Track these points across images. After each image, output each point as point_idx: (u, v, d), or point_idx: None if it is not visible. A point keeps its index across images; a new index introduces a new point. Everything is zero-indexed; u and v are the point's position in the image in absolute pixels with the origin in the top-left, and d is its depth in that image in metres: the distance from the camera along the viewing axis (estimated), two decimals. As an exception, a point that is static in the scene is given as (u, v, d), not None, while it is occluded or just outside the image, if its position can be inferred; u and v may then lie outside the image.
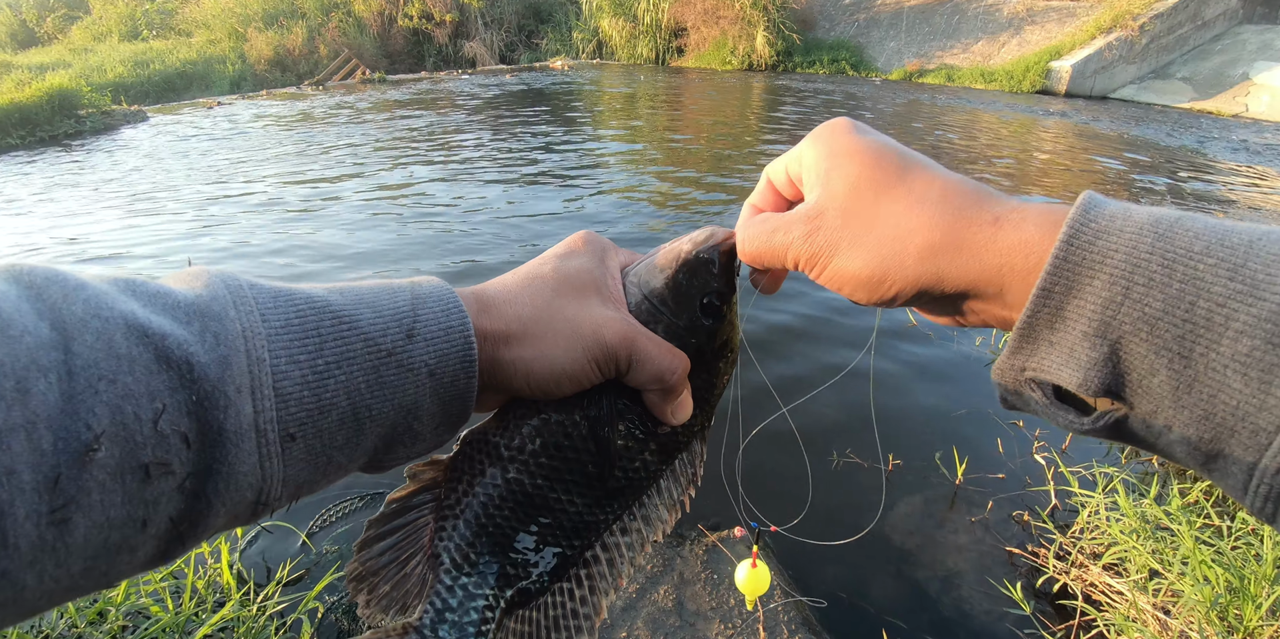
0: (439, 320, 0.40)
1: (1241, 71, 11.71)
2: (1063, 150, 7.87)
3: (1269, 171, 6.94)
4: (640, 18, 17.03)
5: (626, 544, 0.52)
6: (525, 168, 6.81)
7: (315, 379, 0.35)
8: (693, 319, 0.49)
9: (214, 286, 0.34)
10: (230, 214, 5.62)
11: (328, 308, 0.37)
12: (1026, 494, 2.24)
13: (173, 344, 0.30)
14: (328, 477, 0.38)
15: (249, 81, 16.27)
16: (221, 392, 0.31)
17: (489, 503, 0.48)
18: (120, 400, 0.28)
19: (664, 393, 0.47)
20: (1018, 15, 13.96)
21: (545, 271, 0.47)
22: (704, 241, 0.50)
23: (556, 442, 0.48)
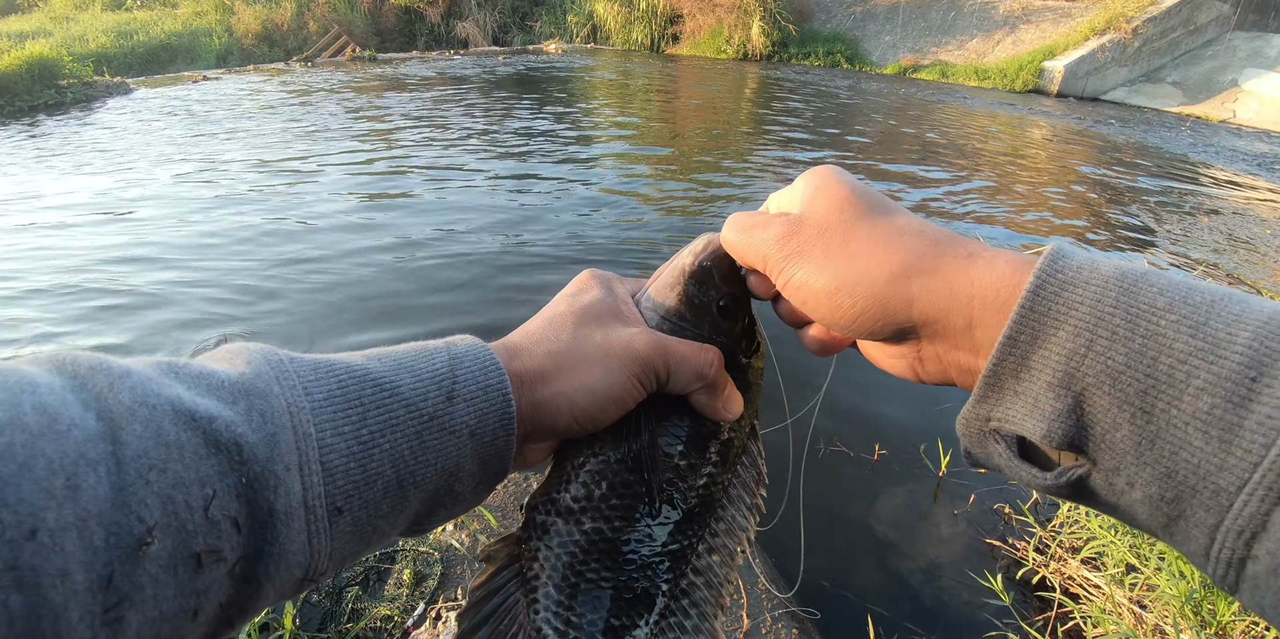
0: (477, 380, 0.40)
1: (1231, 78, 11.83)
2: (1053, 151, 7.92)
3: (1255, 178, 7.04)
4: (636, 3, 16.88)
5: (718, 562, 0.51)
6: (514, 154, 6.75)
7: (361, 450, 0.34)
8: (714, 325, 0.50)
9: (255, 363, 0.34)
10: (204, 194, 5.52)
11: (368, 376, 0.36)
12: (1008, 488, 2.27)
13: (221, 426, 0.30)
14: (371, 545, 0.38)
15: (235, 56, 15.94)
16: (271, 472, 0.31)
17: (573, 561, 0.48)
18: (171, 490, 0.27)
19: (710, 389, 0.47)
20: (1013, 13, 13.98)
21: (562, 309, 0.47)
22: (703, 250, 0.50)
23: (621, 479, 0.48)
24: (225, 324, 3.37)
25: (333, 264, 4.03)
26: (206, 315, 3.45)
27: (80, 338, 3.27)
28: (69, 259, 4.16)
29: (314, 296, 3.64)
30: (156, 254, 4.23)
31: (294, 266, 3.99)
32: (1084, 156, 7.56)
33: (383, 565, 1.81)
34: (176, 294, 3.68)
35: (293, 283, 3.80)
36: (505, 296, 3.65)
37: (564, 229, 4.64)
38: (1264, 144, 9.34)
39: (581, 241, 4.44)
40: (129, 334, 3.30)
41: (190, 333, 3.29)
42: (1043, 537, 2.03)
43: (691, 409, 0.49)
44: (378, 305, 3.56)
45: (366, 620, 1.63)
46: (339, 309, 3.51)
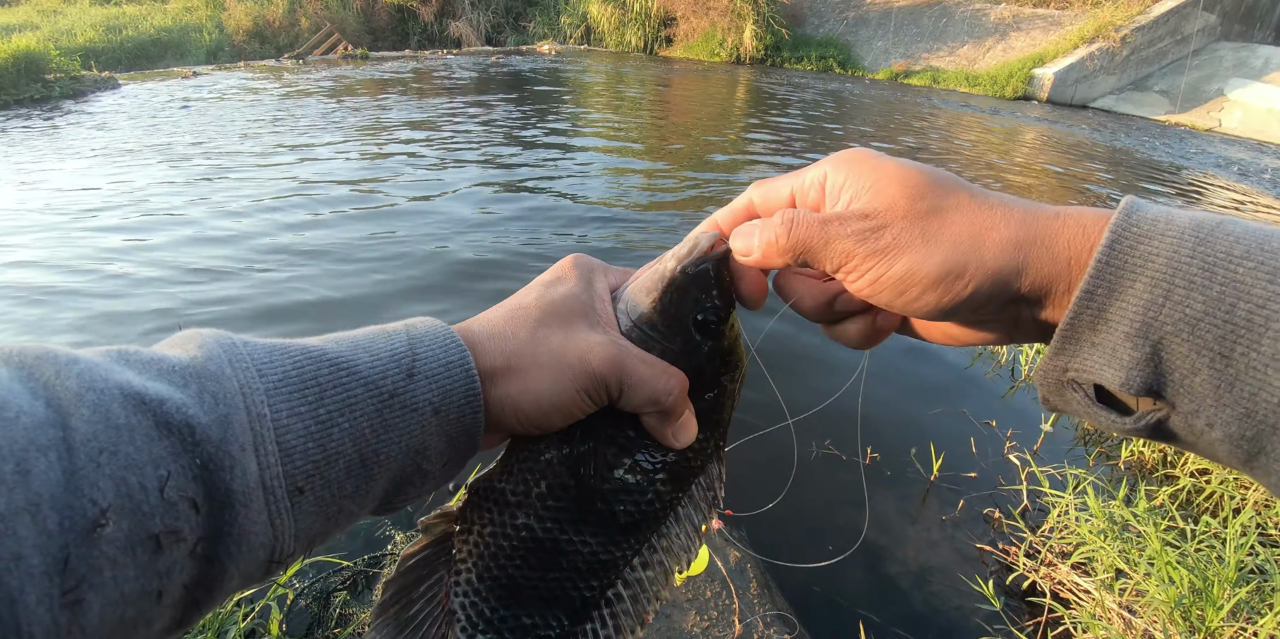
0: (438, 357, 0.39)
1: (1217, 87, 12.00)
2: (1042, 157, 7.99)
3: (1242, 186, 7.13)
4: (629, 5, 16.89)
5: (649, 578, 0.49)
6: (504, 154, 6.73)
7: (319, 429, 0.34)
8: (687, 341, 0.46)
9: (208, 347, 0.34)
10: (194, 190, 5.46)
11: (324, 356, 0.36)
12: (998, 493, 2.28)
13: (171, 408, 0.29)
14: (339, 525, 0.37)
15: (226, 52, 15.81)
16: (225, 452, 0.30)
17: (500, 553, 0.46)
18: (124, 471, 0.27)
19: (662, 416, 0.45)
20: (1004, 21, 14.11)
21: (529, 302, 0.45)
22: (688, 255, 0.46)
23: (560, 482, 0.46)
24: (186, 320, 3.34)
25: (308, 266, 3.99)
26: (171, 310, 3.41)
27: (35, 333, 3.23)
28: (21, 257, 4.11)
29: (287, 298, 3.60)
30: (126, 251, 4.18)
31: (269, 273, 3.95)
32: (1073, 163, 7.63)
33: (370, 570, 1.79)
34: (144, 291, 3.63)
35: (267, 283, 3.76)
36: (491, 300, 3.63)
37: (552, 230, 4.63)
38: (1249, 152, 9.47)
39: (570, 243, 4.43)
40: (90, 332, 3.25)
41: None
42: (1033, 542, 2.03)
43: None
44: (356, 306, 3.52)
45: (354, 625, 1.60)
46: (313, 312, 3.48)
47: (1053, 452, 2.49)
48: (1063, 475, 2.18)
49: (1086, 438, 2.61)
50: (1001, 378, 2.96)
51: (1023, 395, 2.84)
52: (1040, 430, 2.49)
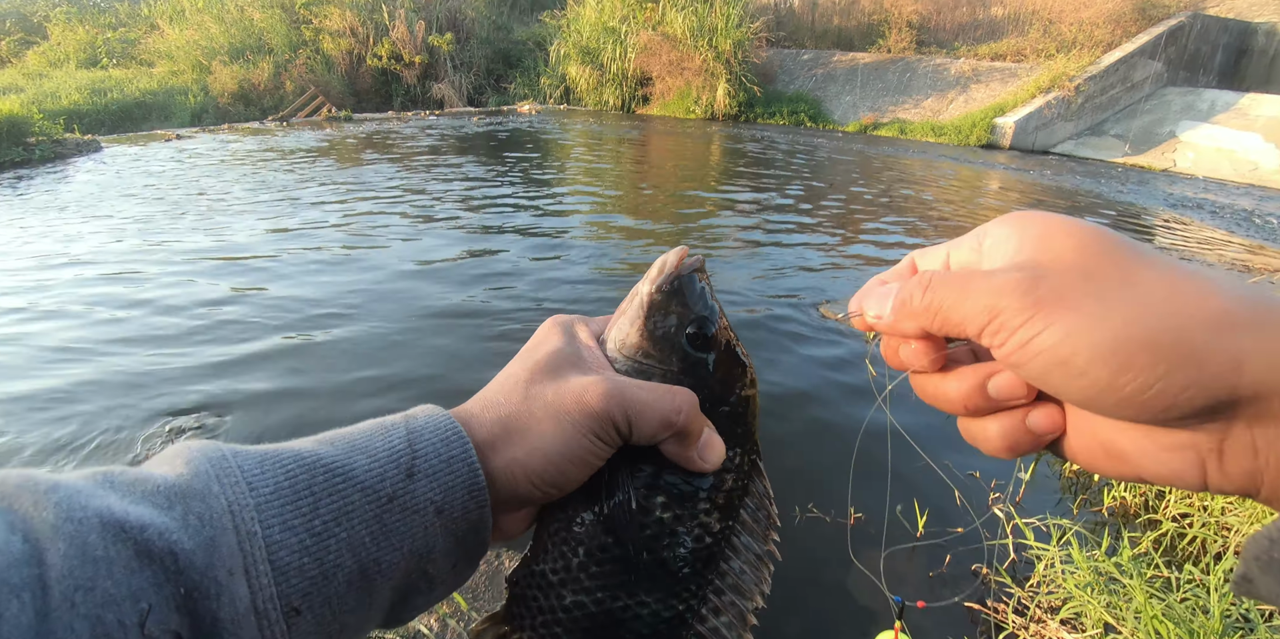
0: (438, 452, 0.37)
1: (1168, 130, 12.57)
2: (1008, 202, 8.26)
3: (1199, 224, 7.39)
4: (606, 66, 17.53)
5: (725, 624, 0.45)
6: (486, 213, 6.83)
7: (314, 543, 0.32)
8: (684, 358, 0.45)
9: (195, 463, 0.32)
10: (166, 259, 5.46)
11: (319, 462, 0.34)
12: (984, 548, 2.25)
13: (153, 535, 0.28)
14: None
15: (211, 114, 16.09)
16: (211, 579, 0.29)
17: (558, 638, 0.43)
18: (100, 610, 0.25)
19: (680, 439, 0.41)
20: (964, 74, 14.80)
21: (516, 369, 0.44)
22: (659, 275, 0.45)
23: (598, 543, 0.43)
24: (176, 405, 3.28)
25: (289, 329, 3.97)
26: (157, 391, 3.35)
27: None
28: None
29: (269, 361, 3.56)
30: (79, 329, 4.14)
31: (239, 341, 3.92)
32: (1036, 205, 7.87)
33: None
34: (122, 369, 3.58)
35: (237, 351, 3.72)
36: (478, 359, 3.62)
37: (534, 285, 4.66)
38: (1203, 191, 9.86)
39: (552, 297, 4.45)
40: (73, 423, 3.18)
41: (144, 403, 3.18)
42: (1021, 597, 2.00)
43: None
44: (346, 373, 3.49)
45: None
46: (296, 371, 3.44)
47: (1036, 500, 2.48)
48: (1047, 527, 2.17)
49: (1069, 485, 2.61)
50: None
51: (1003, 443, 2.84)
52: (1020, 480, 2.49)
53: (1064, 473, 2.65)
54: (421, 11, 19.28)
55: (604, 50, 17.40)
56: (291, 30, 18.76)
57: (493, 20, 20.33)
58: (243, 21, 18.94)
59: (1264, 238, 6.96)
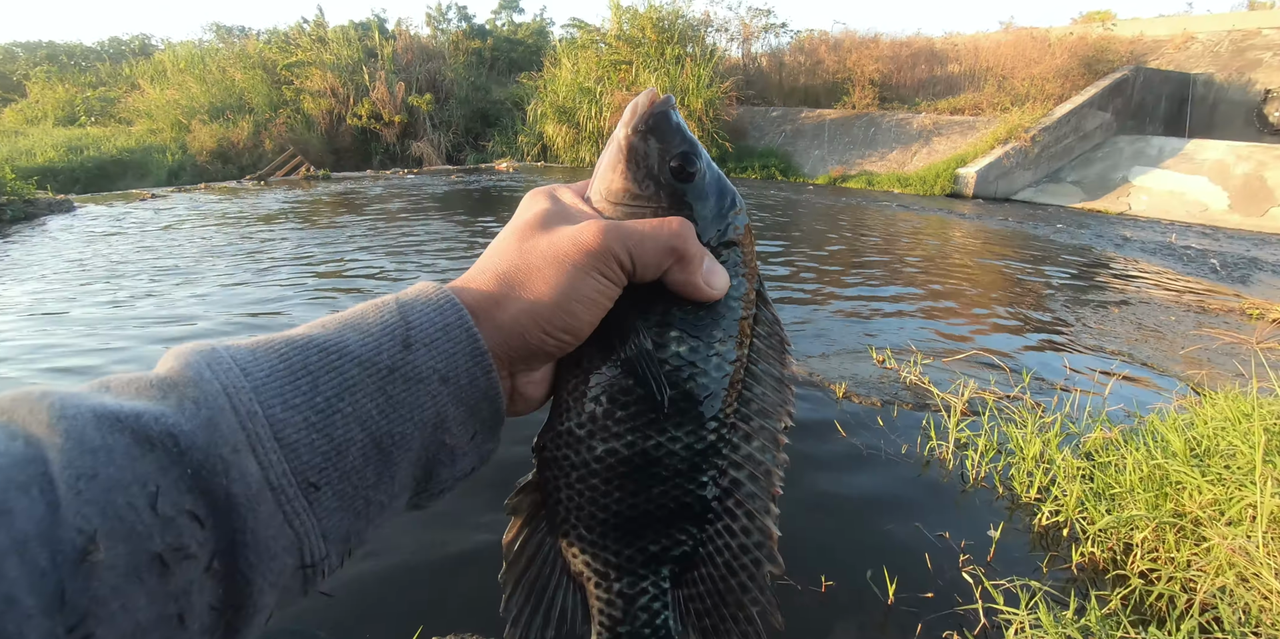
0: (433, 321, 0.37)
1: (1121, 175, 13.12)
2: (974, 248, 8.47)
3: (1155, 266, 7.60)
4: (583, 124, 18.05)
5: (759, 448, 0.45)
6: (459, 269, 6.84)
7: (319, 419, 0.32)
8: (672, 192, 0.45)
9: (184, 357, 0.32)
10: (124, 327, 5.37)
11: (311, 343, 0.34)
12: (956, 613, 2.18)
13: (149, 421, 0.28)
14: (372, 521, 0.34)
15: (188, 172, 16.20)
16: (216, 456, 0.28)
17: (596, 493, 0.43)
18: (107, 494, 0.25)
19: (683, 264, 0.42)
20: (926, 128, 15.44)
21: (505, 234, 0.44)
22: (633, 118, 0.45)
23: (620, 387, 0.43)
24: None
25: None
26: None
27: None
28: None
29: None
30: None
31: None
32: (1001, 253, 8.08)
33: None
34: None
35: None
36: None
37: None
38: (1158, 233, 10.20)
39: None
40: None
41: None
42: (994, 668, 1.93)
43: (675, 292, 0.43)
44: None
45: None
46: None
47: (1007, 560, 2.42)
48: (1016, 589, 2.11)
49: (1039, 540, 2.57)
50: (952, 482, 2.93)
51: (973, 499, 2.81)
52: (991, 538, 2.44)
53: (1034, 527, 2.61)
54: (401, 73, 19.88)
55: (580, 109, 17.95)
56: (273, 90, 19.20)
57: (471, 81, 20.98)
58: (224, 81, 19.37)
59: (1217, 278, 7.17)
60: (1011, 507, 2.75)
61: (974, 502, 2.80)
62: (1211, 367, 4.29)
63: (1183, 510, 2.27)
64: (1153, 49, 17.15)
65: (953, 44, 18.03)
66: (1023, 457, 2.85)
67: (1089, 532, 2.42)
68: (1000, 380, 3.85)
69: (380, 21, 21.49)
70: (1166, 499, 2.34)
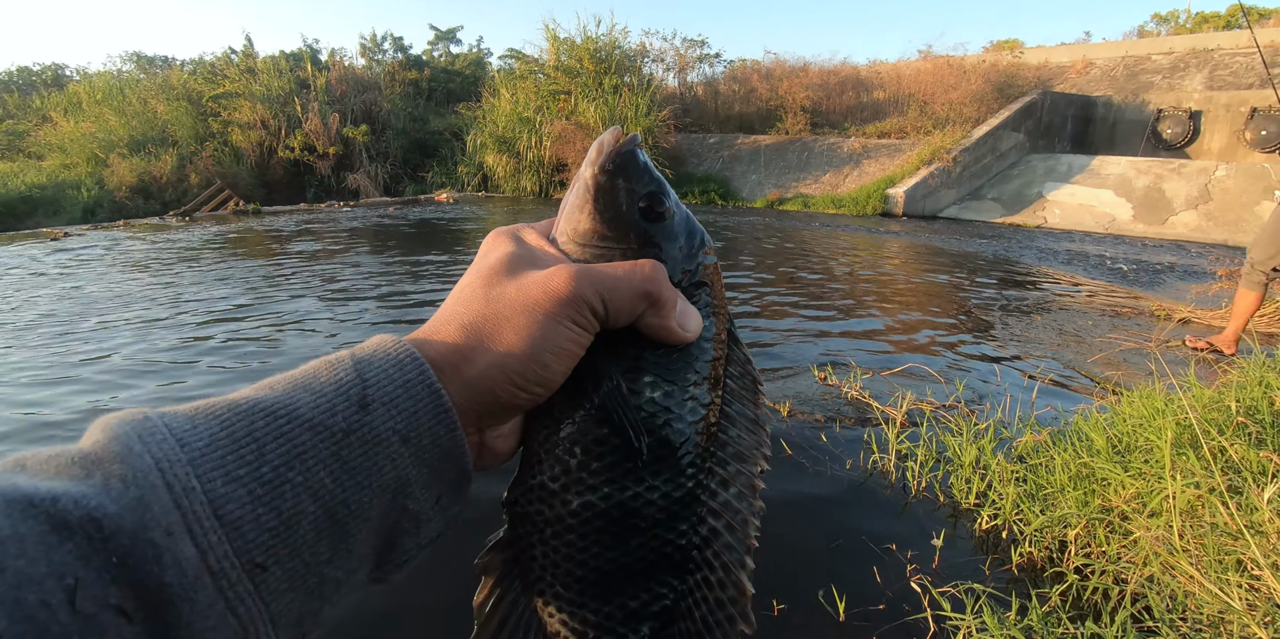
0: (392, 377, 0.34)
1: (1036, 191, 13.96)
2: (906, 264, 8.81)
3: (1070, 274, 8.05)
4: (523, 154, 18.09)
5: (735, 495, 0.43)
6: (400, 310, 6.70)
7: (266, 492, 0.29)
8: (641, 234, 0.44)
9: (113, 429, 0.29)
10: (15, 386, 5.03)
11: (256, 407, 0.31)
12: (907, 623, 2.20)
13: (67, 504, 0.25)
14: (328, 599, 0.32)
15: (105, 208, 15.40)
16: (146, 541, 0.25)
17: (573, 549, 0.41)
18: (15, 591, 0.23)
19: (656, 309, 0.40)
20: (856, 151, 16.10)
21: (470, 279, 0.41)
22: (599, 157, 0.44)
23: (594, 437, 0.41)
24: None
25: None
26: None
27: None
28: None
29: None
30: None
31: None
32: (931, 269, 8.43)
33: None
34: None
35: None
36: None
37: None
38: (1072, 244, 10.85)
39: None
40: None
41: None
42: (945, 675, 1.94)
43: (647, 336, 0.42)
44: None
45: None
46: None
47: (952, 566, 2.47)
48: (962, 594, 2.15)
49: (981, 544, 2.63)
50: (895, 494, 2.98)
51: (916, 509, 2.86)
52: (935, 546, 2.49)
53: (976, 532, 2.67)
54: (336, 104, 19.57)
55: (520, 139, 18.01)
56: (198, 122, 18.57)
57: (409, 112, 20.83)
58: (145, 113, 18.63)
59: (1127, 283, 7.65)
60: (953, 514, 2.81)
61: (917, 511, 2.85)
62: (1128, 367, 4.54)
63: (1110, 505, 2.37)
64: (1057, 74, 18.47)
65: (877, 72, 18.97)
66: (960, 464, 2.93)
67: (1026, 532, 2.49)
68: (936, 391, 3.97)
69: (313, 52, 21.18)
70: (1094, 496, 2.44)
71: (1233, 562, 1.92)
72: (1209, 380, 3.50)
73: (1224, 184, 12.09)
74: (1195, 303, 6.17)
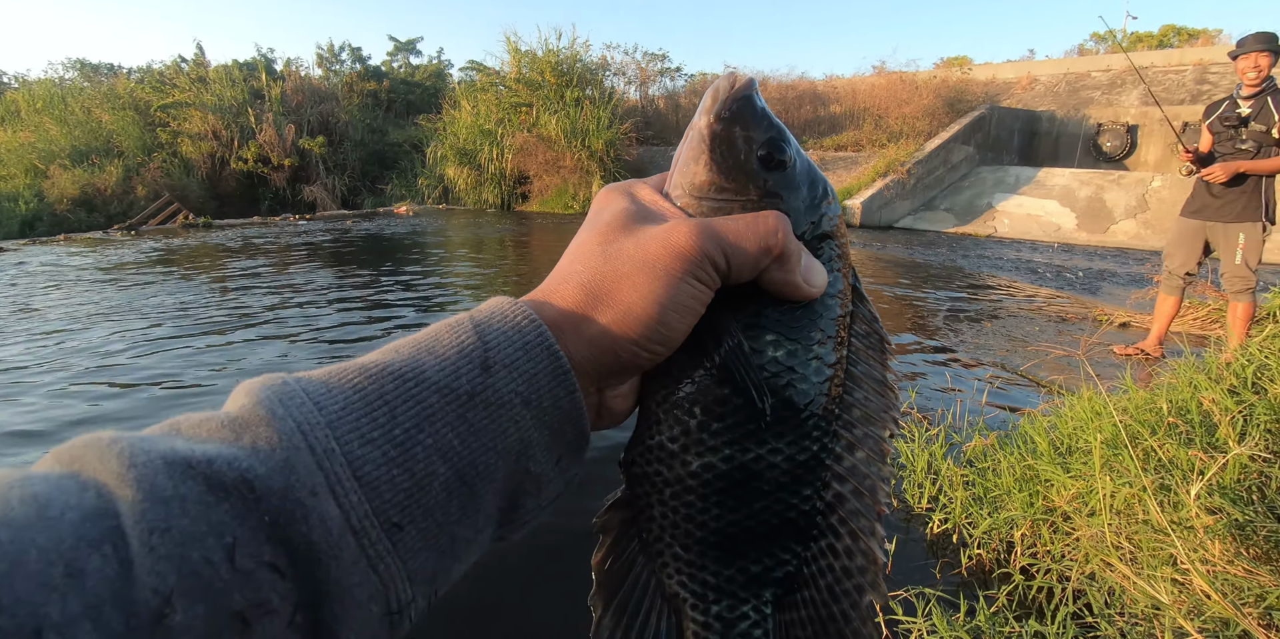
0: (512, 340, 0.35)
1: (987, 201, 14.43)
2: (862, 273, 8.95)
3: (1018, 281, 8.32)
4: (484, 166, 18.03)
5: (864, 459, 0.41)
6: (355, 327, 6.57)
7: (399, 453, 0.30)
8: (761, 184, 0.42)
9: (255, 393, 0.30)
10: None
11: (385, 371, 0.32)
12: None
13: (222, 466, 0.26)
14: (459, 558, 0.32)
15: (45, 222, 14.82)
16: (294, 501, 0.27)
17: (692, 510, 0.40)
18: (181, 549, 0.24)
19: (781, 262, 0.39)
20: (815, 163, 16.43)
21: (585, 238, 0.40)
22: (714, 105, 0.42)
23: (714, 397, 0.40)
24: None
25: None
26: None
27: None
28: None
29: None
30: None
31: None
32: (887, 277, 8.62)
33: None
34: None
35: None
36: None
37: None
38: (1020, 252, 11.24)
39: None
40: None
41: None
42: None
43: (770, 292, 0.40)
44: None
45: None
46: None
47: (905, 570, 2.50)
48: (913, 597, 2.18)
49: (931, 547, 2.67)
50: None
51: (869, 512, 2.90)
52: (888, 551, 2.52)
53: (927, 536, 2.71)
54: (291, 115, 19.24)
55: (481, 151, 17.96)
56: (146, 133, 18.05)
57: (367, 123, 20.58)
58: (89, 123, 18.03)
59: (1072, 289, 7.94)
60: (906, 519, 2.86)
61: (871, 515, 2.88)
62: (1072, 371, 4.70)
63: (1053, 506, 2.43)
64: (1004, 90, 19.19)
65: (833, 86, 19.45)
66: (913, 469, 2.98)
67: (975, 535, 2.54)
68: (890, 396, 4.04)
69: (267, 61, 20.80)
70: (1038, 497, 2.50)
71: (1165, 557, 1.99)
72: (1144, 382, 3.64)
73: (1160, 194, 12.68)
74: (1134, 307, 6.44)
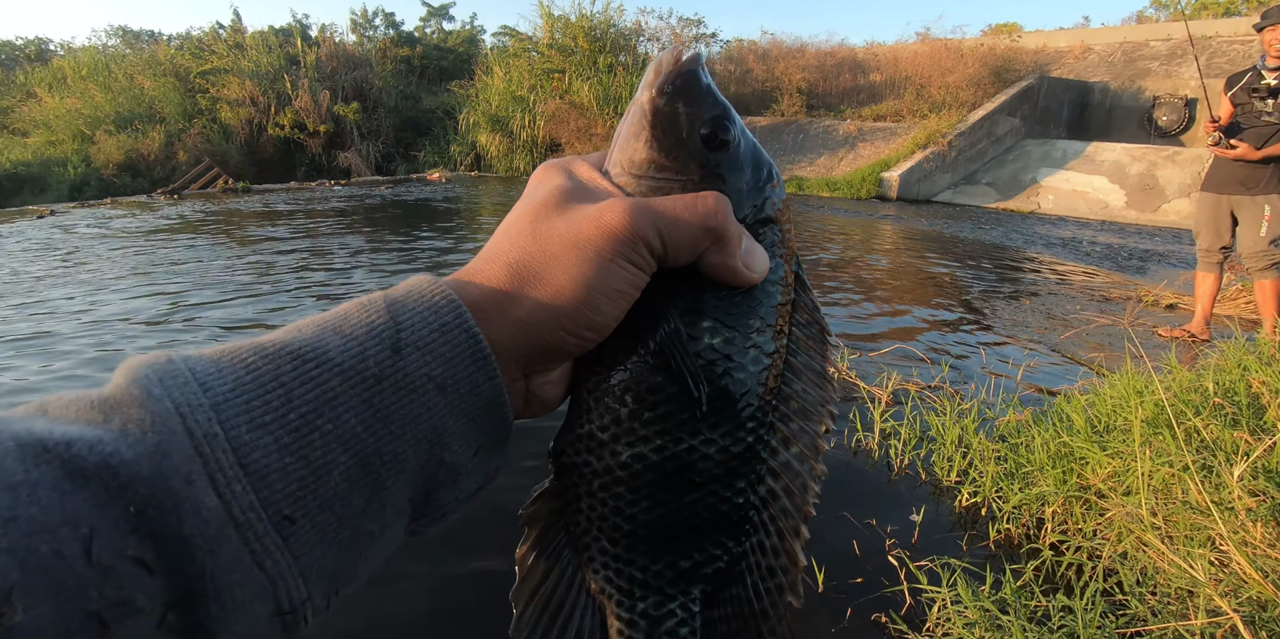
0: (427, 321, 0.32)
1: (1031, 176, 13.95)
2: (898, 247, 8.82)
3: (1060, 260, 8.08)
4: (517, 133, 17.91)
5: (797, 456, 0.40)
6: (384, 283, 6.66)
7: (293, 440, 0.27)
8: (704, 162, 0.40)
9: (135, 371, 0.27)
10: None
11: (284, 350, 0.29)
12: (884, 596, 2.24)
13: (82, 449, 0.23)
14: (363, 554, 0.30)
15: (93, 186, 15.19)
16: (165, 490, 0.24)
17: (621, 502, 0.39)
18: (26, 540, 0.21)
19: (720, 246, 0.37)
20: (851, 134, 16.02)
21: (517, 215, 0.38)
22: (656, 79, 0.40)
23: (648, 385, 0.38)
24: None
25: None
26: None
27: None
28: None
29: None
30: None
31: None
32: (923, 252, 8.44)
33: None
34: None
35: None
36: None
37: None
38: (1064, 229, 10.88)
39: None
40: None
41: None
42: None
43: (708, 277, 0.39)
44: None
45: None
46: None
47: (930, 541, 2.51)
48: (938, 568, 2.19)
49: (959, 521, 2.67)
50: (879, 471, 3.02)
51: (898, 486, 2.90)
52: (915, 522, 2.53)
53: (955, 509, 2.71)
54: (326, 81, 19.28)
55: (513, 118, 17.83)
56: (186, 99, 18.27)
57: (400, 89, 20.54)
58: (132, 89, 18.31)
59: (1117, 269, 7.69)
60: (934, 491, 2.85)
61: (899, 488, 2.89)
62: (1111, 350, 4.58)
63: (1087, 484, 2.41)
64: (1055, 59, 18.34)
65: (874, 54, 18.80)
66: (943, 442, 2.96)
67: (1004, 509, 2.53)
68: (922, 371, 4.00)
69: (303, 27, 20.81)
70: (1072, 474, 2.48)
71: (1203, 537, 1.96)
72: (1189, 363, 3.54)
73: (1217, 171, 12.11)
74: (1182, 288, 6.22)
